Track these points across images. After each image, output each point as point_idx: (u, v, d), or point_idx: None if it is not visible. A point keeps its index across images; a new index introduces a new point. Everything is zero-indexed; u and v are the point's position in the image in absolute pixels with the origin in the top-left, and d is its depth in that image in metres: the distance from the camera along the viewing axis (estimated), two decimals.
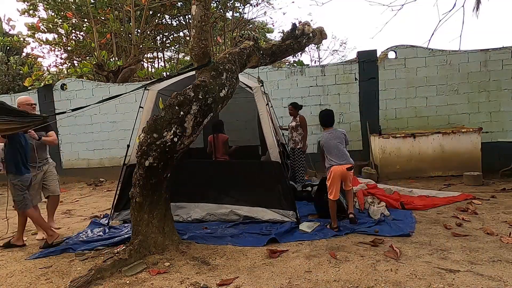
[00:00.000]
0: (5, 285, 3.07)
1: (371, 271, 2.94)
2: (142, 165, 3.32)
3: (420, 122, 7.57)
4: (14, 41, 12.29)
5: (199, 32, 3.57)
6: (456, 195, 5.10)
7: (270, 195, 4.37)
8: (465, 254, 3.16)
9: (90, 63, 10.94)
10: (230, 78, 3.65)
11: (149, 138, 3.28)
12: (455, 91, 7.41)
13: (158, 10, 11.38)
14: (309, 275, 2.94)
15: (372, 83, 7.66)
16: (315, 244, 3.61)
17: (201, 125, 3.47)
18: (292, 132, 6.00)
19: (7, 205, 4.21)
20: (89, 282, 2.90)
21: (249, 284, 2.83)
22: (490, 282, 2.64)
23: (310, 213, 4.62)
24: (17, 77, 11.40)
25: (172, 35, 14.14)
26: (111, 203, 6.05)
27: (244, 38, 4.34)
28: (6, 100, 9.63)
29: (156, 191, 3.47)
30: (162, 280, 2.98)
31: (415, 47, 7.48)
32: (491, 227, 3.80)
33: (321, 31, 5.27)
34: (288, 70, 8.08)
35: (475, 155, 6.45)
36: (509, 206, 4.60)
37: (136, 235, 3.46)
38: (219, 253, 3.51)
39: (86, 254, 3.66)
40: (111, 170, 8.74)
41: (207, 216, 4.54)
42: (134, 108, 8.52)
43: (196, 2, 3.54)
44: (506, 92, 7.24)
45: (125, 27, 10.78)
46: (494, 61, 7.22)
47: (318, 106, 7.86)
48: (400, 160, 6.68)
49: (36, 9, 11.81)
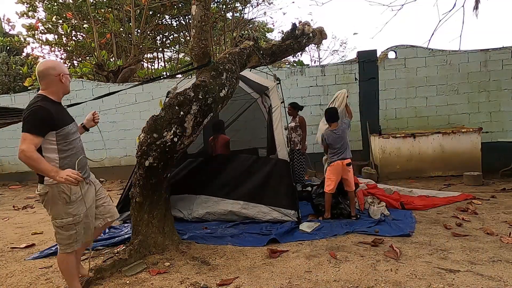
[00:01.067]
0: (5, 285, 3.07)
1: (371, 271, 2.94)
2: (142, 165, 3.32)
3: (420, 122, 7.57)
4: (14, 41, 12.29)
5: (199, 32, 3.57)
6: (456, 195, 5.10)
7: (273, 193, 4.36)
8: (465, 254, 3.16)
9: (90, 63, 10.95)
10: (230, 78, 3.65)
11: (149, 138, 3.28)
12: (455, 91, 7.41)
13: (158, 10, 11.38)
14: (309, 275, 2.94)
15: (372, 83, 7.66)
16: (315, 244, 3.61)
17: (201, 125, 3.48)
18: (291, 133, 5.97)
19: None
20: (89, 282, 2.90)
21: (249, 284, 2.83)
22: (490, 282, 2.64)
23: (310, 213, 4.62)
24: (17, 77, 11.41)
25: (172, 35, 14.14)
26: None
27: (244, 38, 4.34)
28: (6, 100, 9.66)
29: (156, 191, 3.47)
30: (162, 280, 2.98)
31: (415, 47, 7.48)
32: (491, 227, 3.80)
33: (321, 31, 5.27)
34: (288, 70, 8.08)
35: (475, 155, 6.45)
36: (509, 206, 4.60)
37: (136, 235, 3.46)
38: (219, 253, 3.51)
39: (86, 254, 3.65)
40: (111, 170, 8.74)
41: (206, 215, 4.54)
42: (134, 108, 8.57)
43: (196, 2, 3.54)
44: (506, 92, 7.24)
45: (125, 27, 10.78)
46: (494, 61, 7.22)
47: (318, 106, 7.87)
48: (400, 160, 6.68)
49: (35, 10, 11.80)
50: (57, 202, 2.44)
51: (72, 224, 2.49)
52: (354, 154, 7.75)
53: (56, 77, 2.45)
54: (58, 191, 2.42)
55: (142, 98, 8.55)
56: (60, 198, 2.44)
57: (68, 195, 2.45)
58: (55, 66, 2.48)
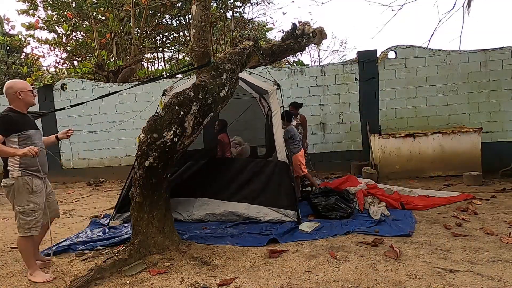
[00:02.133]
0: (5, 285, 3.07)
1: (371, 271, 2.94)
2: (142, 165, 3.32)
3: (420, 122, 7.57)
4: (14, 41, 12.29)
5: (199, 32, 3.57)
6: (456, 195, 5.10)
7: (273, 194, 4.40)
8: (465, 254, 3.16)
9: (90, 63, 10.94)
10: (230, 78, 3.65)
11: (149, 138, 3.28)
12: (455, 91, 7.41)
13: (158, 10, 11.38)
14: (309, 275, 2.94)
15: (372, 83, 7.66)
16: (315, 244, 3.61)
17: (201, 125, 3.48)
18: None
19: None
20: (89, 282, 2.90)
21: (249, 284, 2.83)
22: (490, 282, 2.64)
23: (310, 213, 4.62)
24: (17, 77, 11.40)
25: (172, 35, 14.13)
26: (111, 203, 6.07)
27: (244, 38, 4.34)
28: (6, 100, 9.61)
29: (156, 191, 3.47)
30: (162, 280, 2.98)
31: (415, 47, 7.48)
32: (491, 227, 3.80)
33: (321, 31, 5.27)
34: (288, 70, 8.08)
35: (475, 155, 6.45)
36: (509, 206, 4.60)
37: (136, 235, 3.46)
38: (219, 253, 3.51)
39: (86, 254, 3.66)
40: (111, 170, 8.74)
41: (206, 216, 4.55)
42: (134, 108, 8.57)
43: (196, 2, 3.54)
44: (506, 92, 7.24)
45: (125, 27, 10.78)
46: (494, 61, 7.22)
47: (318, 106, 7.87)
48: (400, 160, 6.68)
49: (36, 8, 11.80)
50: (21, 191, 3.02)
51: (32, 210, 3.05)
52: (354, 154, 7.85)
53: (14, 95, 3.06)
54: (23, 183, 3.01)
55: (142, 98, 8.56)
56: (24, 188, 3.02)
57: (31, 186, 3.03)
58: (12, 86, 3.08)
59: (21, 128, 3.02)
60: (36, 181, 3.07)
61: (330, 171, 7.63)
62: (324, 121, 7.89)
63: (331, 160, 7.88)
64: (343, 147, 7.92)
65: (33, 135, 3.11)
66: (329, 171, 7.62)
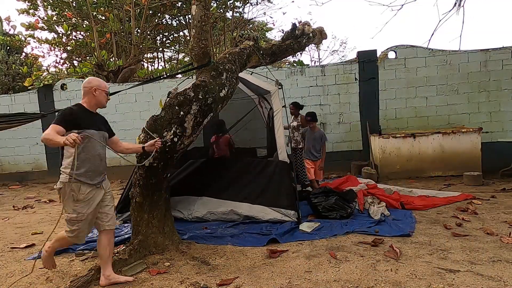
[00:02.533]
0: (5, 285, 3.07)
1: (371, 271, 2.94)
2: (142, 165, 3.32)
3: (420, 122, 7.57)
4: (14, 41, 12.28)
5: (199, 32, 3.57)
6: (456, 195, 5.10)
7: (273, 194, 4.39)
8: (465, 254, 3.16)
9: (90, 63, 10.93)
10: (230, 78, 3.65)
11: (149, 138, 3.28)
12: (455, 91, 7.42)
13: (158, 10, 11.38)
14: (309, 275, 2.94)
15: (372, 83, 7.66)
16: (315, 244, 3.61)
17: (201, 125, 3.48)
18: (293, 131, 6.01)
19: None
20: (89, 282, 2.90)
21: (249, 284, 2.83)
22: (490, 282, 2.64)
23: (310, 213, 4.62)
24: (17, 77, 11.40)
25: (172, 35, 14.13)
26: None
27: (244, 38, 4.34)
28: (6, 100, 9.65)
29: (156, 191, 3.47)
30: (162, 280, 2.98)
31: (415, 47, 7.48)
32: (491, 227, 3.80)
33: (321, 31, 5.27)
34: (288, 70, 8.08)
35: (475, 155, 6.45)
36: (509, 206, 4.60)
37: (136, 235, 3.46)
38: (219, 253, 3.51)
39: (86, 254, 3.66)
40: (111, 170, 8.65)
41: (207, 214, 4.55)
42: (134, 108, 8.57)
43: (196, 2, 3.54)
44: (506, 92, 7.25)
45: (125, 27, 10.78)
46: (494, 61, 7.23)
47: (318, 106, 7.87)
48: (400, 160, 6.68)
49: (36, 8, 11.80)
50: (68, 198, 2.79)
51: (75, 220, 2.80)
52: (354, 154, 7.86)
53: (89, 89, 2.91)
54: (69, 189, 2.76)
55: (142, 98, 8.56)
56: (70, 195, 2.77)
57: (77, 193, 2.77)
58: (91, 81, 2.94)
59: (82, 126, 2.76)
60: (85, 188, 2.78)
61: (330, 171, 7.64)
62: (324, 121, 7.89)
63: (331, 160, 7.87)
64: (343, 147, 7.92)
65: (94, 136, 2.86)
66: (329, 171, 7.63)
